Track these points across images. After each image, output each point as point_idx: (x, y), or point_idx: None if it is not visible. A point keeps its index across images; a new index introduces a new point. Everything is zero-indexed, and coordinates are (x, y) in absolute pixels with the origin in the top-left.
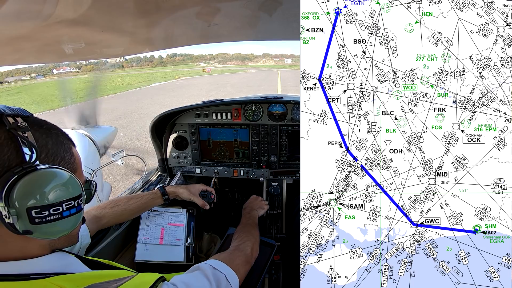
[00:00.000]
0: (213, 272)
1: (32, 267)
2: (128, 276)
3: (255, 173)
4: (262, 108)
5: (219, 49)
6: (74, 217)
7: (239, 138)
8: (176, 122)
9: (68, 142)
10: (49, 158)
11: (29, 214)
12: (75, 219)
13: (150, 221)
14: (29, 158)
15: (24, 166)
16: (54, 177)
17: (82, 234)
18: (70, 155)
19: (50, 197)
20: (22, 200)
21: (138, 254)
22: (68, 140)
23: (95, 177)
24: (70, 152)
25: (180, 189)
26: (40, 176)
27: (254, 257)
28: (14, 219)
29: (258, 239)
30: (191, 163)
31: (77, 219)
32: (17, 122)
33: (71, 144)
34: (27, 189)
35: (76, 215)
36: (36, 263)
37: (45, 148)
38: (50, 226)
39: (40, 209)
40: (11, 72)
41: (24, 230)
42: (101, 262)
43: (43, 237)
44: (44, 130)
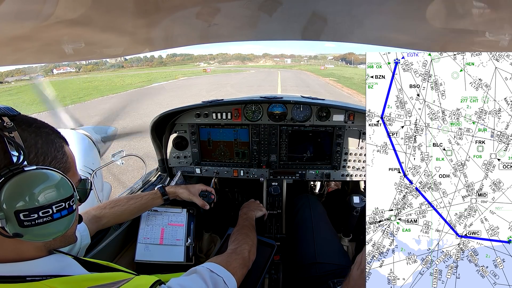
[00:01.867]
0: (211, 275)
1: (29, 269)
2: (125, 278)
3: (255, 173)
4: (262, 108)
5: (219, 49)
6: (66, 218)
7: (239, 138)
8: (176, 122)
9: (59, 141)
10: (38, 158)
11: (18, 217)
12: (67, 220)
13: (150, 221)
14: (16, 159)
15: (11, 168)
16: (42, 179)
17: (82, 234)
18: (62, 154)
19: (39, 199)
20: (10, 203)
21: (138, 254)
22: (60, 139)
23: (95, 177)
24: (62, 151)
25: (180, 189)
26: (27, 178)
27: (251, 260)
28: (2, 222)
29: (255, 241)
30: (191, 163)
31: (70, 220)
32: (3, 122)
33: (64, 142)
34: (14, 192)
35: (68, 217)
36: (32, 265)
37: (34, 148)
38: (41, 228)
39: (29, 212)
40: (11, 72)
41: (14, 233)
42: (99, 263)
43: (35, 239)
44: (33, 129)
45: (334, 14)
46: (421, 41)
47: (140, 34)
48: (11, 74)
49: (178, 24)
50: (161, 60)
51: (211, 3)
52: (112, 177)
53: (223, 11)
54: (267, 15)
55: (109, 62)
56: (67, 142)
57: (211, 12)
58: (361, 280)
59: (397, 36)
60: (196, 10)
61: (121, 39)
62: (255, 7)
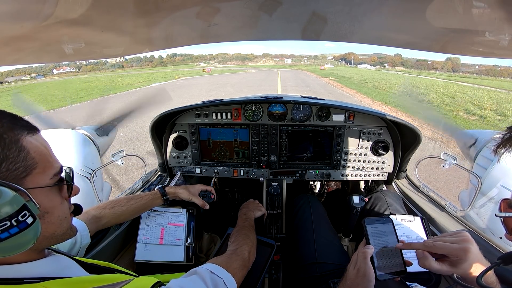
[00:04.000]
0: (211, 276)
1: (27, 271)
2: (124, 280)
3: (255, 173)
4: (262, 108)
5: (219, 49)
6: (19, 236)
7: (239, 138)
8: (176, 122)
9: (11, 135)
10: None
11: None
12: (22, 237)
13: (150, 221)
14: None
15: None
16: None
17: (82, 234)
18: (17, 151)
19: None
20: None
21: (138, 254)
22: (13, 132)
23: (95, 177)
24: (18, 147)
25: (180, 189)
26: None
27: (251, 261)
28: None
29: (255, 242)
30: (191, 163)
31: (34, 230)
32: None
33: (23, 133)
34: None
35: (22, 233)
36: (30, 267)
37: None
38: None
39: None
40: (11, 72)
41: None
42: (99, 265)
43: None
44: None
45: (334, 14)
46: (421, 40)
47: (140, 34)
48: (11, 74)
49: (178, 24)
50: (161, 60)
51: (211, 3)
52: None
53: (223, 11)
54: (267, 15)
55: (109, 62)
56: (32, 131)
57: (211, 12)
58: (358, 279)
59: (397, 36)
60: (196, 10)
61: (121, 39)
62: (255, 7)
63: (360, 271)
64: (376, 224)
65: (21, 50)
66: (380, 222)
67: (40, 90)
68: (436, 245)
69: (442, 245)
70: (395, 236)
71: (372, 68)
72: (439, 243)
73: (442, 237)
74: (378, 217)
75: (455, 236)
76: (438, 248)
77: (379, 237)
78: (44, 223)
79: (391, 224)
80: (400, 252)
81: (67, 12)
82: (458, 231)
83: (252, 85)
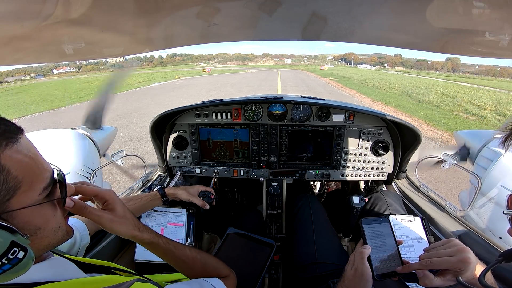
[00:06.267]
0: None
1: (23, 276)
2: (124, 282)
3: (255, 173)
4: (262, 108)
5: (219, 49)
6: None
7: (239, 138)
8: (176, 122)
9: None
10: None
11: None
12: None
13: (150, 221)
14: None
15: None
16: None
17: (82, 234)
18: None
19: None
20: None
21: (138, 254)
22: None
23: (95, 177)
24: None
25: (179, 190)
26: None
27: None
28: None
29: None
30: (191, 163)
31: (27, 259)
32: None
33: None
34: None
35: (21, 263)
36: (26, 272)
37: None
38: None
39: None
40: (11, 72)
41: None
42: (98, 265)
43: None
44: None
45: (334, 14)
46: (421, 41)
47: (140, 34)
48: (11, 74)
49: (178, 24)
50: (161, 60)
51: (211, 3)
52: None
53: (223, 11)
54: (267, 15)
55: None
56: (12, 139)
57: (211, 12)
58: (355, 279)
59: (397, 36)
60: (196, 10)
61: (121, 39)
62: (255, 7)
63: (358, 271)
64: (373, 224)
65: (21, 50)
66: (377, 222)
67: (40, 90)
68: (434, 262)
69: (440, 261)
70: (393, 236)
71: (372, 68)
72: (436, 259)
73: (435, 249)
74: (375, 217)
75: (448, 247)
76: (437, 265)
77: (376, 237)
78: (37, 238)
79: (388, 224)
80: (398, 252)
81: (67, 12)
82: (449, 240)
83: (252, 85)
